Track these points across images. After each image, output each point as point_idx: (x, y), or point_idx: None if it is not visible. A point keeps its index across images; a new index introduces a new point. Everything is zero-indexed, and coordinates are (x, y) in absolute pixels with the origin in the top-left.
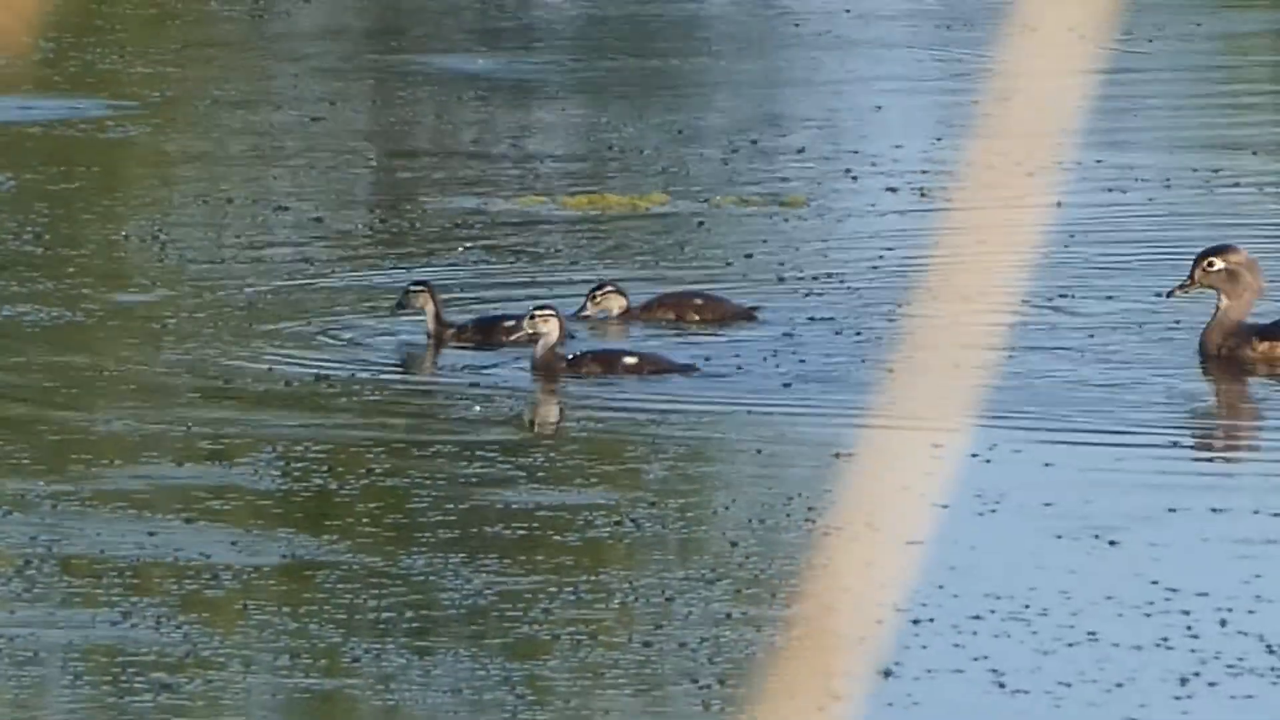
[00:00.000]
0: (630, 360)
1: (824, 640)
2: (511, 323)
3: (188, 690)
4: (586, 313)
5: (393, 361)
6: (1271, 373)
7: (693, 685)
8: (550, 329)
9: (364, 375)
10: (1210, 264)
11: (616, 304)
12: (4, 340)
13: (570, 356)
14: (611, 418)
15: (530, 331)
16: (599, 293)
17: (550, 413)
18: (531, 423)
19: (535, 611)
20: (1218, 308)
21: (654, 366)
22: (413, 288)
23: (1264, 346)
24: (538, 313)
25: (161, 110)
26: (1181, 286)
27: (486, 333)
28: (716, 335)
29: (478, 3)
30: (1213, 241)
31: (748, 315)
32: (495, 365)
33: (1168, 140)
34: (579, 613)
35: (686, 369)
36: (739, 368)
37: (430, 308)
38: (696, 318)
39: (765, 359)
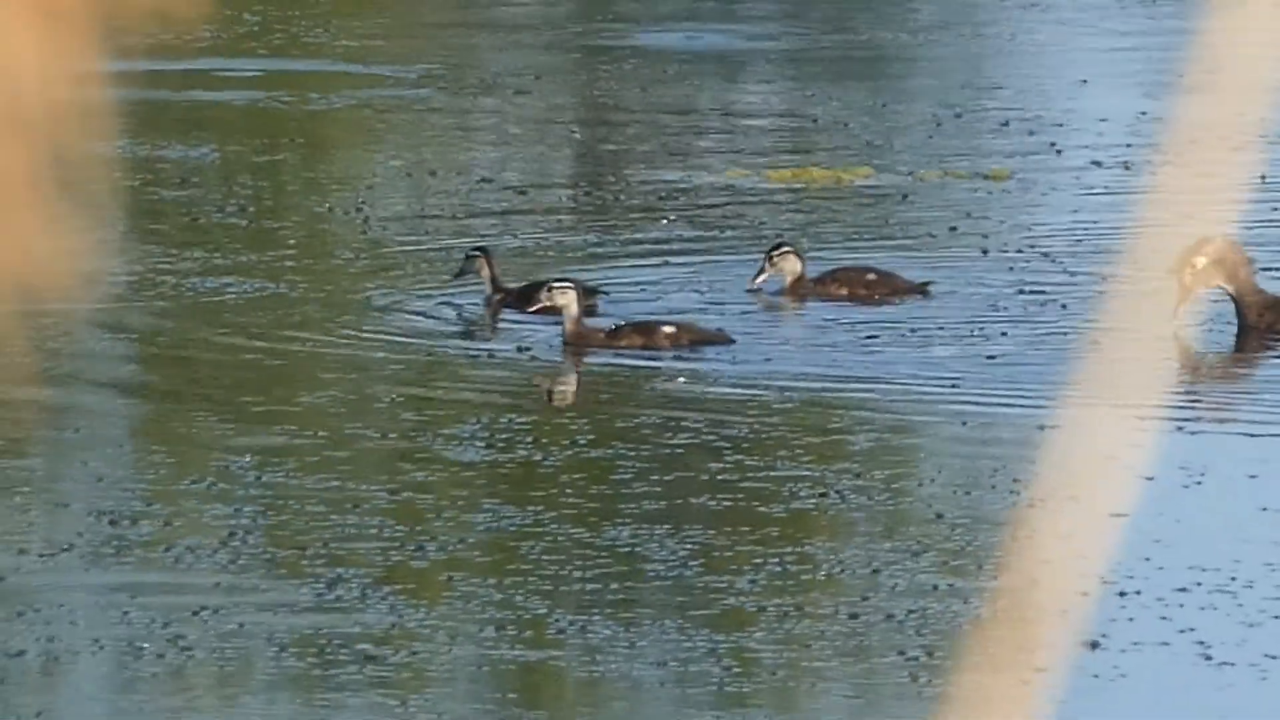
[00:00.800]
0: (669, 330)
1: (1029, 612)
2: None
3: (393, 662)
4: (764, 275)
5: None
6: None
7: (899, 657)
8: (568, 301)
9: (562, 349)
10: (1194, 265)
11: (791, 267)
12: (209, 313)
13: (612, 328)
14: (816, 388)
15: (548, 303)
16: (775, 253)
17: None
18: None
19: (741, 583)
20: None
21: (692, 336)
22: (471, 252)
23: None
24: (555, 285)
25: (366, 83)
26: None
27: (528, 298)
28: (891, 307)
29: None
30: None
31: (921, 290)
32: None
33: None
34: (785, 584)
35: (724, 339)
36: (940, 336)
37: (486, 273)
38: (868, 292)
39: (972, 331)
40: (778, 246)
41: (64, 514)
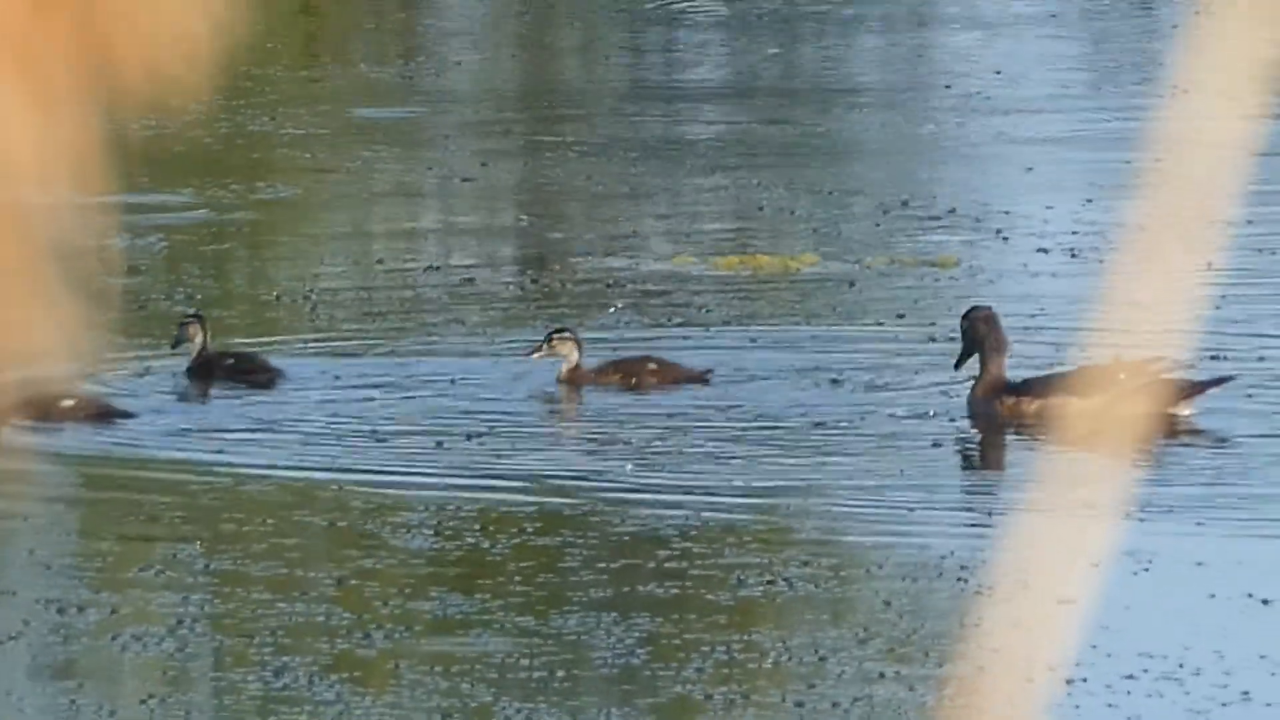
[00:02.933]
0: (652, 367)
1: (977, 700)
2: (653, 365)
3: None
4: (540, 353)
5: (537, 416)
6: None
7: None
8: (568, 350)
9: (511, 431)
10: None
11: (568, 352)
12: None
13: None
14: (767, 471)
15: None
16: (555, 336)
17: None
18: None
19: (688, 671)
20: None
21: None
22: (186, 319)
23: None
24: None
25: (313, 171)
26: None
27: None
28: (668, 398)
29: (628, 68)
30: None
31: (700, 378)
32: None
33: None
34: (732, 672)
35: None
36: (885, 418)
37: (199, 340)
38: (651, 380)
39: (925, 415)
40: (559, 330)
41: (10, 601)
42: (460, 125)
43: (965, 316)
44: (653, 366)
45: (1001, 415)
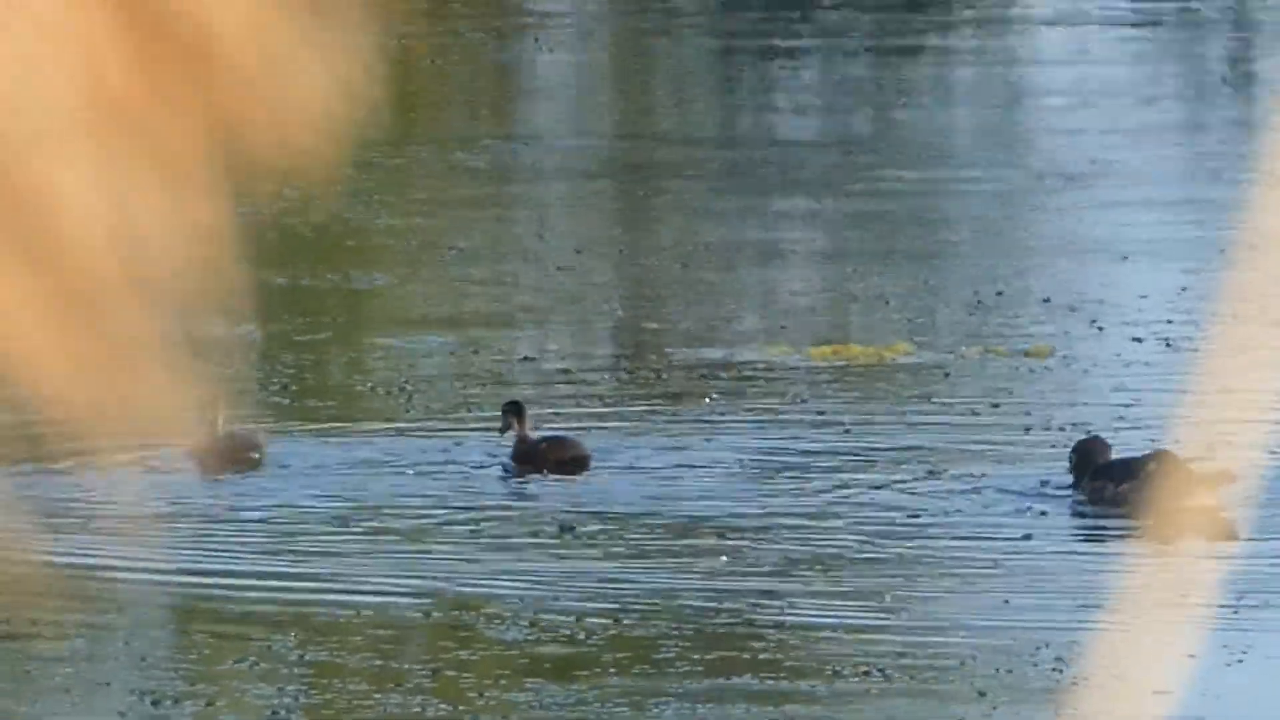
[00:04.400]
0: (542, 446)
1: None
2: (545, 445)
3: None
4: (512, 430)
5: (633, 514)
6: None
7: None
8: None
9: (610, 521)
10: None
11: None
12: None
13: (538, 441)
14: (863, 564)
15: (515, 430)
16: (509, 414)
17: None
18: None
19: None
20: None
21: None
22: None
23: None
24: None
25: (407, 260)
26: None
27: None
28: (567, 480)
29: (718, 148)
30: None
31: (585, 458)
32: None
33: None
34: None
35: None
36: (981, 509)
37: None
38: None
39: (1018, 510)
40: (512, 404)
41: (104, 693)
42: (556, 209)
43: (1074, 450)
44: (543, 446)
45: (1087, 498)
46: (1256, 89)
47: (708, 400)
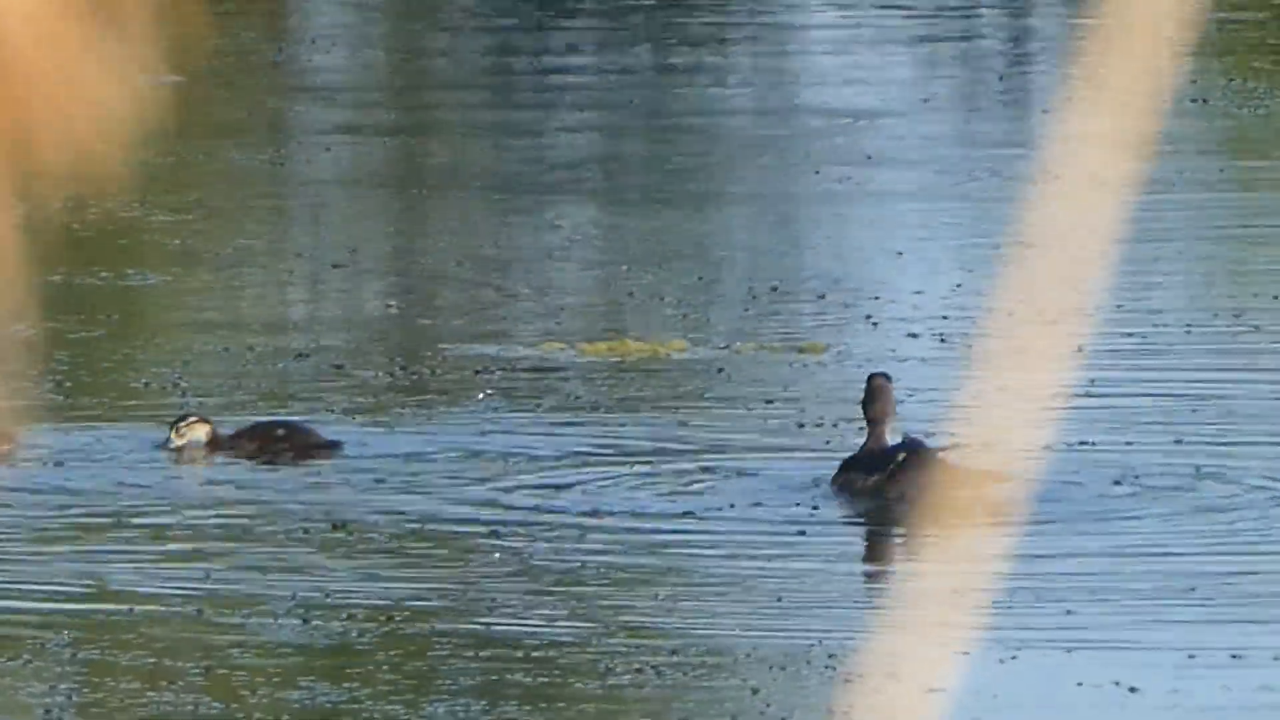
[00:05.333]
0: (280, 433)
1: None
2: (283, 430)
3: None
4: (174, 444)
5: (405, 511)
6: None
7: None
8: (199, 432)
9: (380, 520)
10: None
11: (203, 431)
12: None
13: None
14: (636, 558)
15: (181, 442)
16: (182, 424)
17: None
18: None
19: None
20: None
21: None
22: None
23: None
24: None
25: (181, 258)
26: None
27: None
28: (300, 465)
29: (494, 149)
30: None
31: (331, 447)
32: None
33: (1189, 285)
34: None
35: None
36: (752, 505)
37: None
38: (282, 446)
39: (791, 505)
40: (183, 418)
41: None
42: (330, 210)
43: (867, 380)
44: (282, 432)
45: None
46: (1032, 92)
47: (481, 397)
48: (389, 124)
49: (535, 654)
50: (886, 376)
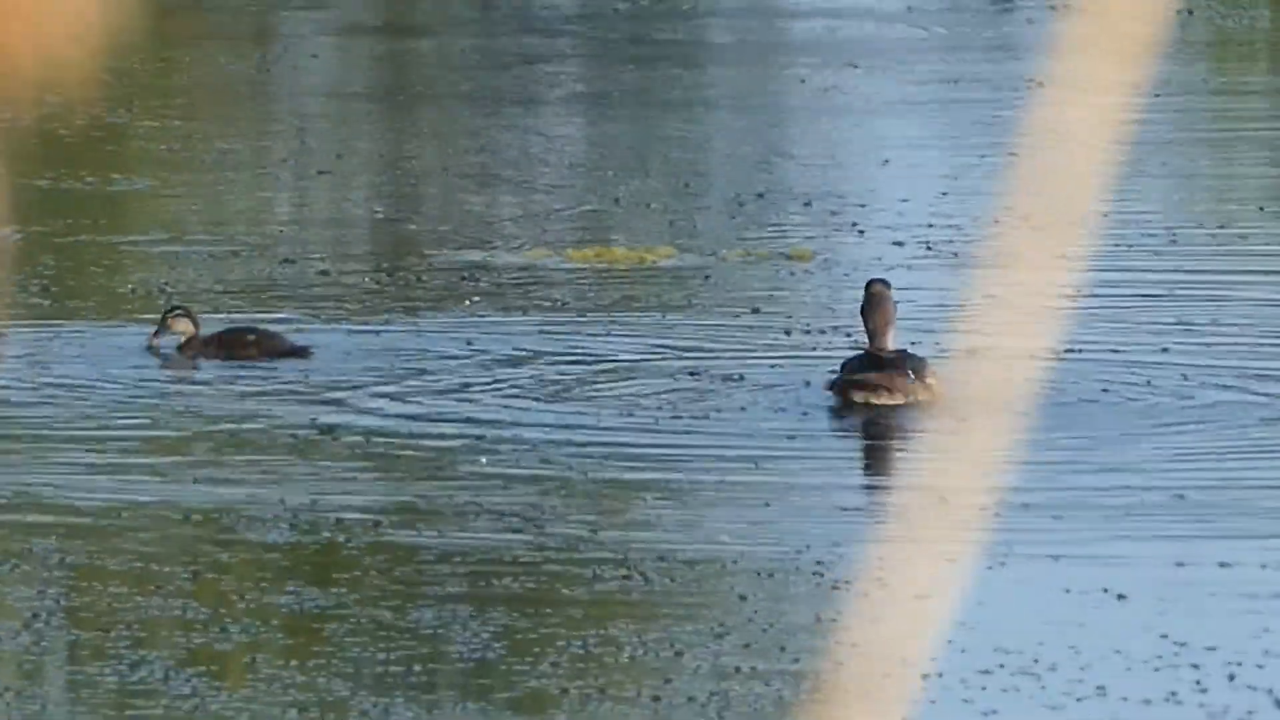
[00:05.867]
0: (250, 338)
1: (833, 695)
2: (253, 336)
3: None
4: (159, 335)
5: (398, 410)
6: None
7: None
8: (184, 326)
9: (368, 425)
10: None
11: (184, 327)
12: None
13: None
14: (624, 465)
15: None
16: (170, 315)
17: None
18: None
19: (544, 666)
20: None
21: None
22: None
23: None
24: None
25: (167, 163)
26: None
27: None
28: (269, 368)
29: (477, 56)
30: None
31: (300, 353)
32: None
33: (1173, 194)
34: (587, 666)
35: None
36: (739, 411)
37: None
38: (251, 352)
39: (778, 411)
40: (173, 309)
41: None
42: (316, 117)
43: (866, 287)
44: (251, 338)
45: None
46: (1021, 3)
47: (468, 303)
48: (376, 29)
49: (523, 560)
50: (885, 283)
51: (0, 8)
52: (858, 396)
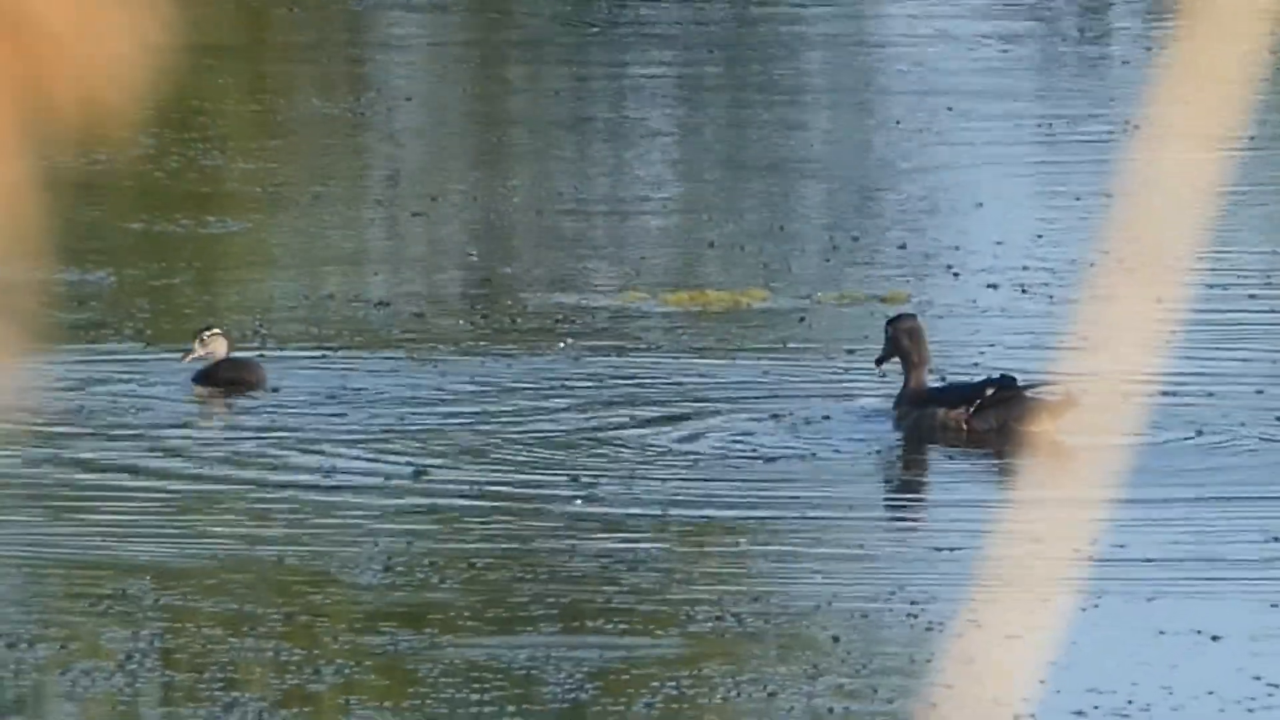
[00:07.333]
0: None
1: None
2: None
3: None
4: (196, 353)
5: (488, 455)
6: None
7: None
8: (218, 346)
9: (463, 468)
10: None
11: (218, 348)
12: (111, 431)
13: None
14: (717, 506)
15: (201, 352)
16: (206, 334)
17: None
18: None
19: (638, 707)
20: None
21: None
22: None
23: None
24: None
25: (262, 206)
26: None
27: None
28: (252, 398)
29: (576, 101)
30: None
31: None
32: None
33: (1268, 237)
34: (681, 708)
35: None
36: (834, 453)
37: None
38: (241, 386)
39: (879, 450)
40: (208, 328)
41: None
42: (410, 158)
43: (890, 323)
44: (248, 371)
45: (906, 427)
46: (1112, 45)
47: (563, 345)
48: (466, 75)
49: (616, 602)
50: (915, 316)
51: (90, 49)
52: (1019, 427)
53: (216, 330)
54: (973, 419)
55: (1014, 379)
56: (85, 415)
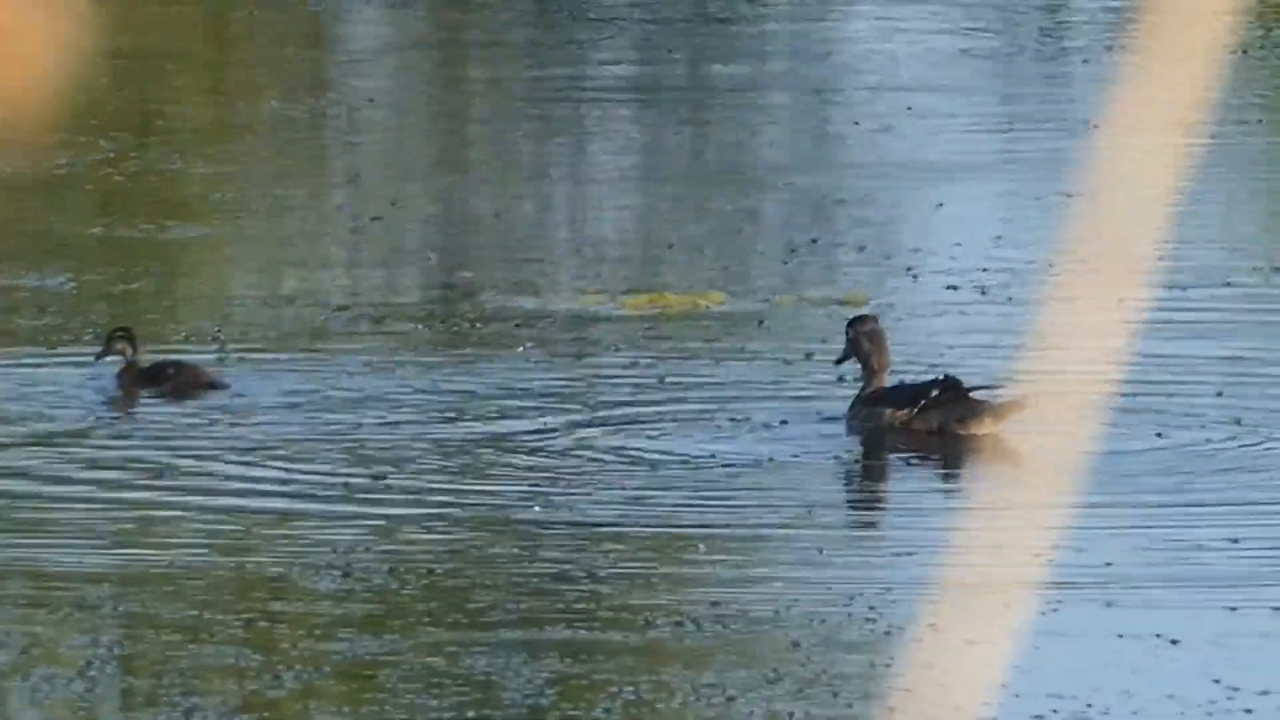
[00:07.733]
0: (170, 370)
1: None
2: (172, 369)
3: None
4: (105, 358)
5: (447, 462)
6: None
7: None
8: (122, 348)
9: (423, 475)
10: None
11: (125, 349)
12: (70, 439)
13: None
14: (676, 511)
15: (110, 357)
16: (113, 337)
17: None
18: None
19: (597, 712)
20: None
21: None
22: (117, 333)
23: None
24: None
25: (220, 210)
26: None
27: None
28: (183, 402)
29: (536, 103)
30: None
31: (216, 387)
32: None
33: (1229, 237)
34: (640, 713)
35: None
36: (793, 456)
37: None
38: (167, 388)
39: (837, 455)
40: (117, 330)
41: None
42: (370, 163)
43: (851, 324)
44: (170, 370)
45: (862, 427)
46: (1073, 44)
47: (521, 349)
48: (424, 77)
49: (575, 606)
50: (876, 318)
51: (33, 54)
52: (961, 429)
53: (122, 330)
54: (915, 419)
55: (958, 381)
56: (36, 421)
